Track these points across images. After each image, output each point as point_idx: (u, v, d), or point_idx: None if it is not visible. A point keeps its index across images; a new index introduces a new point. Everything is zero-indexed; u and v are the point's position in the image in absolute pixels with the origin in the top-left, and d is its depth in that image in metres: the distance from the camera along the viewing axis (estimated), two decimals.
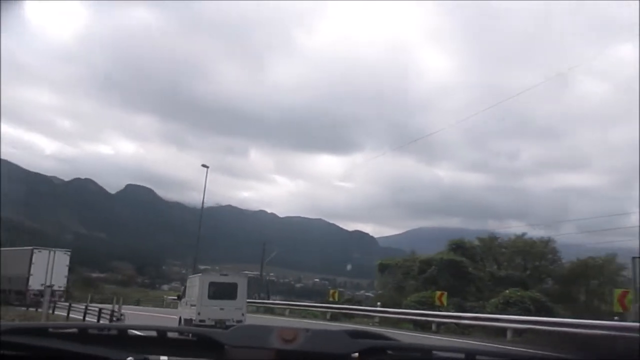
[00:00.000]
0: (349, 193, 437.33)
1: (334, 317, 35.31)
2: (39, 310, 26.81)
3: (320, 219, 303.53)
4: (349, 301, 43.08)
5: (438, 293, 30.25)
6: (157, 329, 1.85)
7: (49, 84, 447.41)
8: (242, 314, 21.34)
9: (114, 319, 22.90)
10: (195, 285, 22.60)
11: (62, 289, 32.29)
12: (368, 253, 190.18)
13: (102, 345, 1.73)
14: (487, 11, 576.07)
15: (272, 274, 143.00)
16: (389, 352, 1.81)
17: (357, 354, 1.70)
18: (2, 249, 38.02)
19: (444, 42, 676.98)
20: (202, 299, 21.23)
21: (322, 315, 36.99)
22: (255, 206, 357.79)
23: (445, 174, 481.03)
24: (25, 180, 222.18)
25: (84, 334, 1.83)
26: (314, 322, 31.66)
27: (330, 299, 39.31)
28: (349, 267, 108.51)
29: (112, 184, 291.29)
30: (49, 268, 32.18)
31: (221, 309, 20.99)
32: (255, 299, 44.94)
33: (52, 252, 33.04)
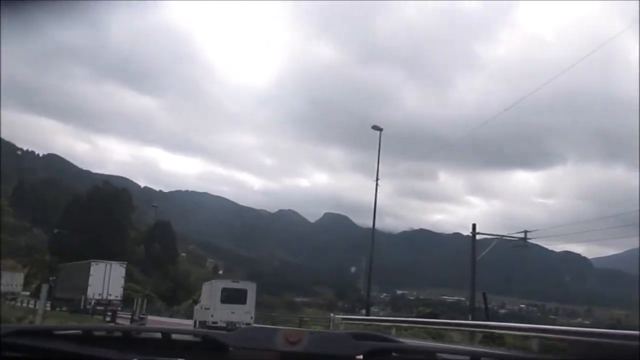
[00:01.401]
0: (551, 210, 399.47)
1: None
2: (100, 317, 29.26)
3: (519, 239, 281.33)
4: None
5: None
6: (162, 331, 1.85)
7: (252, 127, 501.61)
8: (251, 317, 23.17)
9: (133, 321, 24.17)
10: (209, 290, 24.19)
11: (118, 298, 33.71)
12: (580, 277, 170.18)
13: (107, 347, 1.72)
14: None
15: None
16: (394, 354, 1.81)
17: (361, 356, 1.71)
18: (66, 263, 42.35)
19: None
20: (215, 303, 23.02)
21: None
22: (449, 229, 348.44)
23: None
24: (239, 214, 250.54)
25: (88, 336, 1.82)
26: None
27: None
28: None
29: (312, 213, 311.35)
30: (106, 279, 33.48)
31: (232, 312, 22.62)
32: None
33: (108, 265, 34.24)
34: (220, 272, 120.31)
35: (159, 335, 1.86)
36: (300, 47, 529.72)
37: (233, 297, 23.69)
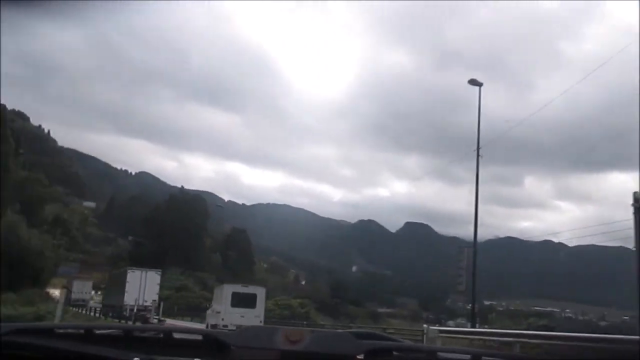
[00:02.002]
0: None
1: None
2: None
3: (620, 247, 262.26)
4: None
5: None
6: (163, 330, 1.88)
7: (330, 138, 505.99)
8: (260, 321, 23.69)
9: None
10: (220, 295, 25.34)
11: (152, 304, 34.32)
12: None
13: (109, 345, 1.72)
14: None
15: (567, 310, 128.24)
16: (395, 353, 1.82)
17: (362, 355, 1.71)
18: (113, 271, 44.35)
19: None
20: (225, 306, 24.13)
21: None
22: (538, 236, 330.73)
23: None
24: (319, 225, 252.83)
25: (90, 335, 1.82)
26: None
27: None
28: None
29: (392, 223, 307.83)
30: (142, 286, 34.35)
31: (242, 316, 23.26)
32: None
33: (144, 272, 35.39)
34: (303, 282, 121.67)
35: (160, 334, 1.88)
36: (374, 55, 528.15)
37: (243, 301, 24.69)
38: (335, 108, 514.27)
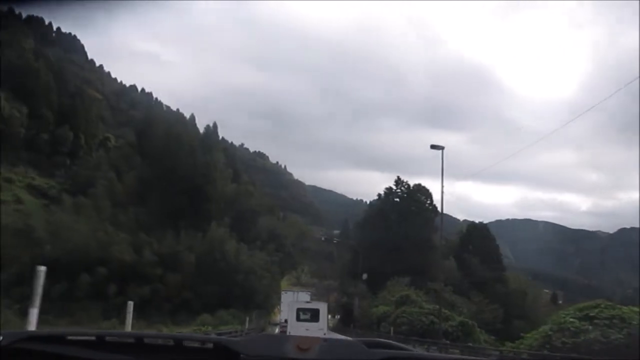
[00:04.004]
0: None
1: None
2: None
3: None
4: None
5: None
6: (174, 337, 1.87)
7: (567, 142, 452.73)
8: (324, 333, 24.18)
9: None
10: (287, 309, 28.44)
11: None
12: None
13: (120, 352, 1.74)
14: None
15: None
16: None
17: None
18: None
19: None
20: (291, 320, 26.40)
21: None
22: None
23: None
24: (570, 238, 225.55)
25: (101, 342, 1.80)
26: None
27: None
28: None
29: None
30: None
31: (306, 329, 24.49)
32: None
33: (295, 293, 40.02)
34: (560, 302, 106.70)
35: (171, 341, 1.87)
36: (610, 39, 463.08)
37: (307, 315, 27.01)
38: (569, 108, 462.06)
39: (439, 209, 63.07)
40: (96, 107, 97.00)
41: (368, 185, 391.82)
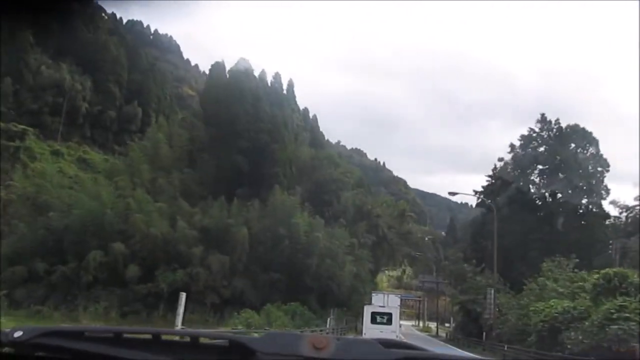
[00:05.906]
0: None
1: None
2: None
3: None
4: None
5: None
6: (190, 334, 1.87)
7: None
8: (397, 336, 25.40)
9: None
10: (364, 313, 30.42)
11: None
12: None
13: (137, 349, 1.75)
14: None
15: None
16: None
17: None
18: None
19: None
20: (367, 323, 28.97)
21: None
22: None
23: None
24: None
25: (118, 338, 1.82)
26: None
27: None
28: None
29: None
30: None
31: (380, 332, 26.75)
32: None
33: (386, 295, 36.58)
34: None
35: (187, 338, 1.85)
36: None
37: (381, 319, 28.84)
38: None
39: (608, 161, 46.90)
40: (170, 87, 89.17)
41: (472, 189, 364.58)
